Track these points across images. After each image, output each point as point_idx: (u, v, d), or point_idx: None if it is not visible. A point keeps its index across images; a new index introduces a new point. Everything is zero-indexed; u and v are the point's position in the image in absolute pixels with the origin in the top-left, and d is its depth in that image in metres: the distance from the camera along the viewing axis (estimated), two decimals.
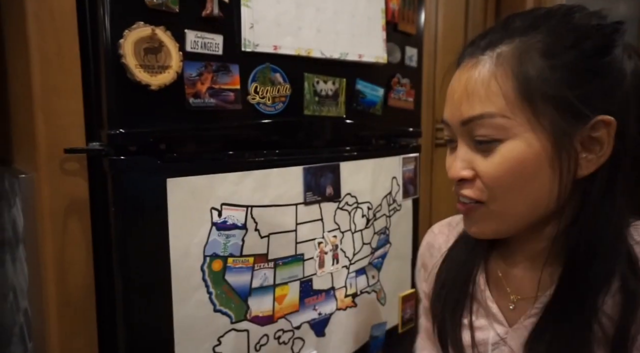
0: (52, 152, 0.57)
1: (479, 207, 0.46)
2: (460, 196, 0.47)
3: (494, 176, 0.44)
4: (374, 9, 0.80)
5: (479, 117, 0.43)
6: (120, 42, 0.54)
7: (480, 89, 0.43)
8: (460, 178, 0.45)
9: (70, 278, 0.60)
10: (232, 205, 0.66)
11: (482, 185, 0.45)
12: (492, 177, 0.44)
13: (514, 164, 0.43)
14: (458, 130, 0.45)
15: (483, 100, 0.43)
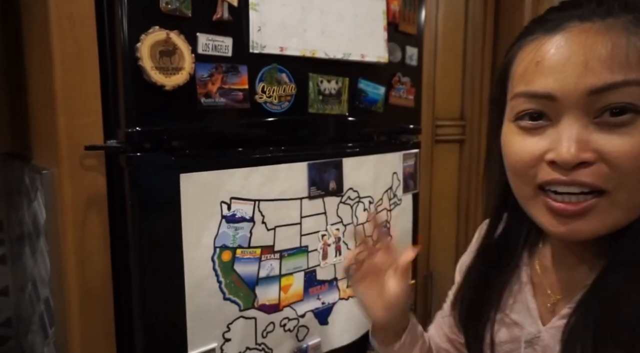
0: (72, 149, 0.61)
1: (600, 201, 0.38)
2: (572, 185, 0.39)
3: (633, 156, 0.37)
4: (376, 11, 0.84)
5: (622, 84, 0.37)
6: (137, 46, 0.57)
7: (619, 55, 0.37)
8: (581, 161, 0.38)
9: (89, 267, 0.64)
10: (241, 199, 0.69)
11: (607, 170, 0.38)
12: (631, 157, 0.37)
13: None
14: (573, 103, 0.38)
15: (622, 67, 0.37)
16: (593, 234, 0.39)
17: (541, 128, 0.40)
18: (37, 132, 0.72)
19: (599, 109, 0.37)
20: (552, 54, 0.39)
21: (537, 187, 0.41)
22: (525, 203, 0.44)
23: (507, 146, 0.44)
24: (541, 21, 0.42)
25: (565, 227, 0.40)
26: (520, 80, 0.42)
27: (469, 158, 1.28)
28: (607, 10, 0.39)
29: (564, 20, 0.40)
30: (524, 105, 0.41)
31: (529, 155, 0.41)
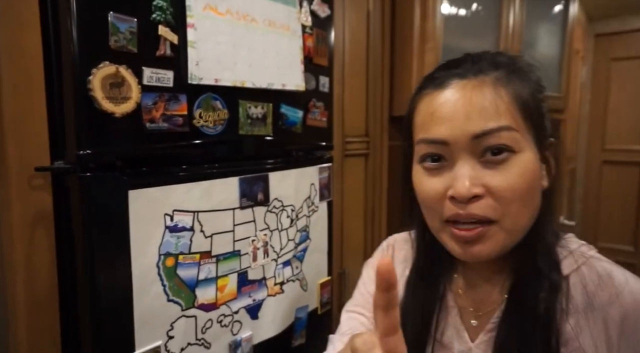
0: (21, 171, 0.65)
1: (490, 228, 0.45)
2: (468, 218, 0.45)
3: (512, 188, 0.44)
4: (294, 47, 0.98)
5: (498, 129, 0.44)
6: (89, 78, 0.64)
7: (490, 106, 0.45)
8: (473, 195, 0.44)
9: (37, 281, 0.68)
10: (182, 211, 0.79)
11: (493, 202, 0.44)
12: (509, 188, 0.44)
13: (529, 174, 0.45)
14: (462, 146, 0.45)
15: (494, 115, 0.45)
16: (490, 255, 0.46)
17: (441, 168, 0.48)
18: None
19: (481, 150, 0.45)
20: (442, 106, 0.47)
21: (444, 220, 0.48)
22: (436, 233, 0.51)
23: (417, 185, 0.51)
24: (431, 78, 0.51)
25: (468, 250, 0.47)
26: (421, 129, 0.50)
27: (372, 169, 1.49)
28: (479, 68, 0.48)
29: (448, 78, 0.48)
30: (426, 149, 0.49)
31: (434, 192, 0.48)
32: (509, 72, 0.48)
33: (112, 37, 0.67)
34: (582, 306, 0.48)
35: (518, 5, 1.76)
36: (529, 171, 0.45)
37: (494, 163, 0.45)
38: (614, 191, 2.68)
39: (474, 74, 0.47)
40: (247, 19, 0.87)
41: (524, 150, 0.46)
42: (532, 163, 0.46)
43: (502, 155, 0.45)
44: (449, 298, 0.56)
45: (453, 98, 0.46)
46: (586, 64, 2.64)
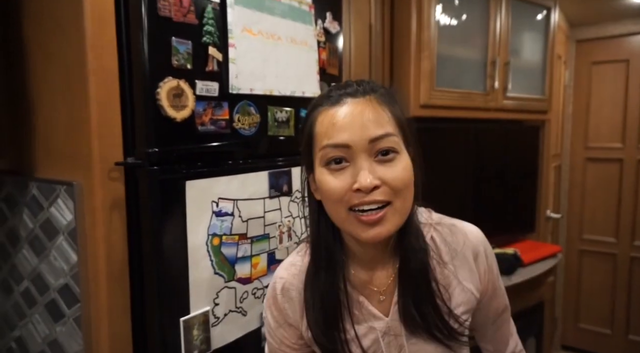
0: (103, 165, 0.81)
1: (389, 209, 0.58)
2: (371, 204, 0.57)
3: (400, 178, 0.58)
4: (311, 60, 1.15)
5: (386, 135, 0.58)
6: (158, 90, 0.80)
7: (379, 116, 0.59)
8: (374, 186, 0.57)
9: (113, 254, 0.84)
10: (225, 199, 0.94)
11: (388, 189, 0.58)
12: (399, 179, 0.58)
13: (408, 169, 0.60)
14: (362, 148, 0.57)
15: (384, 124, 0.58)
16: (387, 234, 0.59)
17: (344, 168, 0.59)
18: (53, 152, 0.89)
19: (376, 151, 0.58)
20: (342, 118, 0.58)
21: (349, 209, 0.59)
22: (341, 223, 0.61)
23: (323, 184, 0.60)
24: (326, 97, 0.63)
25: (370, 232, 0.58)
26: (324, 136, 0.60)
27: None
28: (363, 91, 0.61)
29: (342, 97, 0.60)
30: (331, 153, 0.59)
31: (340, 187, 0.58)
32: (384, 95, 0.62)
33: (174, 57, 0.83)
34: (449, 254, 0.67)
35: (504, 15, 1.94)
36: (408, 166, 0.60)
37: (384, 161, 0.59)
38: (597, 186, 2.87)
39: (362, 94, 0.61)
40: (274, 38, 1.03)
41: (403, 151, 0.60)
42: (408, 161, 0.61)
43: (390, 155, 0.59)
44: (351, 290, 0.66)
45: (349, 111, 0.59)
46: (569, 68, 2.84)
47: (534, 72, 2.20)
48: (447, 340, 0.64)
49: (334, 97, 0.61)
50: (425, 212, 0.70)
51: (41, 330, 0.96)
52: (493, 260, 0.72)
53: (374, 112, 0.59)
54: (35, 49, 0.90)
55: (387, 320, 0.65)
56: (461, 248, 0.68)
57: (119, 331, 0.85)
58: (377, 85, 0.64)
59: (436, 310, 0.63)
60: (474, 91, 1.88)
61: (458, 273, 0.67)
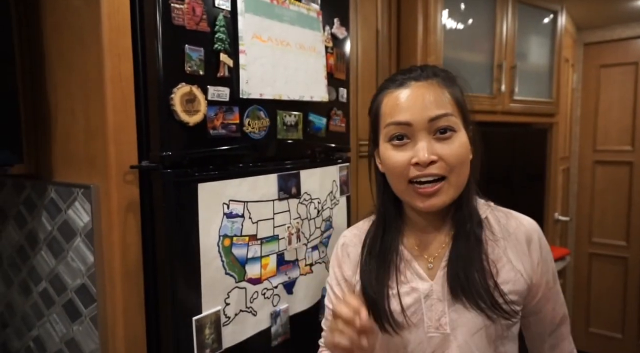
0: (118, 168, 0.84)
1: (445, 183, 0.65)
2: (428, 176, 0.64)
3: (456, 154, 0.65)
4: (319, 65, 1.17)
5: (445, 115, 0.65)
6: (171, 96, 0.83)
7: (439, 98, 0.66)
8: (431, 161, 0.64)
9: (128, 254, 0.87)
10: (236, 201, 0.97)
11: (444, 164, 0.64)
12: (455, 155, 0.64)
13: (464, 147, 0.66)
14: (422, 127, 0.64)
15: (444, 104, 0.65)
16: (442, 205, 0.67)
17: (405, 145, 0.67)
18: (70, 156, 0.93)
19: (434, 129, 0.65)
20: (404, 99, 0.67)
21: (408, 181, 0.67)
22: (401, 193, 0.69)
23: (386, 158, 0.69)
24: (392, 80, 0.71)
25: (427, 202, 0.66)
26: (389, 116, 0.68)
27: None
28: (426, 75, 0.68)
29: (406, 80, 0.68)
30: (394, 130, 0.67)
31: (401, 161, 0.66)
32: (444, 79, 0.69)
33: (187, 64, 0.86)
34: (501, 233, 0.71)
35: (510, 19, 1.96)
36: (464, 144, 0.67)
37: (442, 139, 0.65)
38: (606, 189, 2.86)
39: (424, 78, 0.68)
40: (283, 44, 1.06)
41: (460, 130, 0.67)
42: (465, 139, 0.67)
43: (448, 134, 0.66)
44: (403, 251, 0.73)
45: (412, 93, 0.67)
46: (576, 71, 2.83)
47: (541, 75, 2.21)
48: (489, 311, 0.66)
49: (399, 80, 0.69)
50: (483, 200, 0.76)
51: (59, 329, 0.99)
52: (549, 255, 0.74)
53: (434, 94, 0.66)
54: (56, 58, 0.94)
55: (432, 283, 0.70)
56: (514, 230, 0.72)
57: (134, 329, 0.88)
58: (439, 70, 0.70)
59: (483, 279, 0.67)
60: (480, 95, 1.89)
61: (508, 252, 0.70)
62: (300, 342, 1.15)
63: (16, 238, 1.10)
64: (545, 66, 2.22)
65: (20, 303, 1.12)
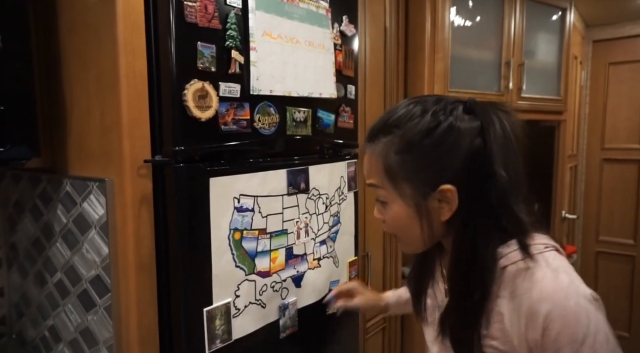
0: (132, 163, 0.86)
1: (397, 239, 0.72)
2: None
3: (389, 223, 0.69)
4: (328, 62, 1.19)
5: (372, 185, 0.69)
6: (184, 92, 0.85)
7: (371, 167, 0.68)
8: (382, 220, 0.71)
9: (142, 247, 0.89)
10: (246, 195, 0.99)
11: (387, 226, 0.70)
12: (389, 223, 0.69)
13: (396, 218, 0.67)
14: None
15: (372, 175, 0.68)
16: (407, 252, 0.74)
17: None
18: (86, 151, 0.95)
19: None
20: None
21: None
22: None
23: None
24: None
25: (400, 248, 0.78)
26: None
27: None
28: (370, 138, 0.69)
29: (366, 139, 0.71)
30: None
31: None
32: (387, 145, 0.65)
33: (199, 60, 0.87)
34: (509, 293, 0.60)
35: (518, 16, 1.95)
36: (397, 217, 0.67)
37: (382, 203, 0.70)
38: (614, 187, 2.84)
39: (369, 142, 0.70)
40: (293, 41, 1.07)
41: (393, 202, 0.67)
42: (398, 210, 0.67)
43: (381, 201, 0.70)
44: (438, 270, 0.77)
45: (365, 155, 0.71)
46: (585, 68, 2.82)
47: (549, 72, 2.20)
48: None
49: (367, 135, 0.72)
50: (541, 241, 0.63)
51: (73, 319, 1.02)
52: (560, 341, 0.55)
53: (368, 163, 0.69)
54: (72, 55, 0.96)
55: (445, 299, 0.72)
56: (520, 294, 0.59)
57: (147, 319, 0.90)
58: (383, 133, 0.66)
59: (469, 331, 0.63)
60: (488, 92, 1.90)
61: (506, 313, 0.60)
62: (308, 335, 1.17)
63: (32, 230, 1.13)
64: (554, 63, 2.21)
65: (35, 293, 1.15)
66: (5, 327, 1.27)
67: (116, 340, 0.91)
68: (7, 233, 1.24)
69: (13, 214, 1.20)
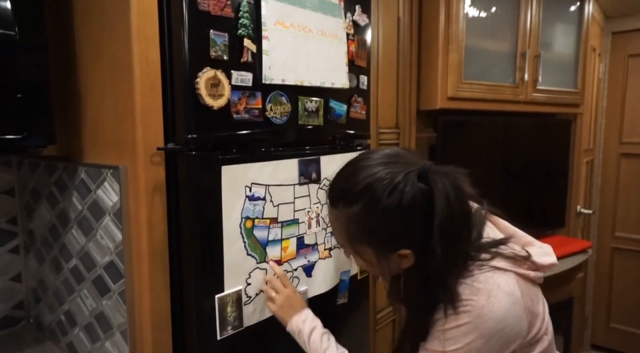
0: (145, 150, 0.87)
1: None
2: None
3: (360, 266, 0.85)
4: (341, 52, 1.18)
5: (338, 242, 0.83)
6: (197, 80, 0.85)
7: (334, 228, 0.81)
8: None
9: (155, 234, 0.90)
10: (257, 184, 0.99)
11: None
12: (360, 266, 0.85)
13: (362, 265, 0.83)
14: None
15: (336, 236, 0.82)
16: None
17: None
18: (100, 138, 0.96)
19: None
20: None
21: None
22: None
23: None
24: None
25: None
26: None
27: None
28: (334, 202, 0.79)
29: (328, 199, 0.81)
30: None
31: None
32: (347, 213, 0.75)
33: (212, 49, 0.88)
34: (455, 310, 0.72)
35: (535, 7, 1.92)
36: (362, 265, 0.82)
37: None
38: (632, 183, 2.78)
39: (331, 205, 0.80)
40: (306, 30, 1.07)
41: (357, 256, 0.80)
42: (363, 264, 0.81)
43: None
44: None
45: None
46: (603, 61, 2.76)
47: (566, 64, 2.16)
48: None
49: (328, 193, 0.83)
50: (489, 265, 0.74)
51: (89, 304, 1.04)
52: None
53: (331, 223, 0.82)
54: (86, 44, 0.97)
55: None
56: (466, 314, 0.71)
57: (159, 305, 0.91)
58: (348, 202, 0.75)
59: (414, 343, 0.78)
60: (503, 84, 1.87)
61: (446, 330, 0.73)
62: None
63: (48, 217, 1.15)
64: (571, 55, 2.17)
65: (52, 279, 1.17)
66: (24, 312, 1.30)
67: (130, 325, 0.92)
68: (25, 220, 1.27)
69: (30, 202, 1.23)
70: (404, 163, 0.73)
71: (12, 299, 1.28)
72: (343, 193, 0.75)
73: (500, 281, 0.72)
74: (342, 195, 0.75)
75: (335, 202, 0.77)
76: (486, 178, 1.97)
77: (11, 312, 1.28)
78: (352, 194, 0.73)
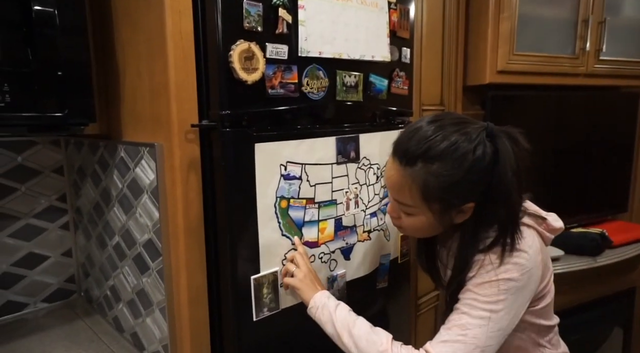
0: (180, 127, 0.85)
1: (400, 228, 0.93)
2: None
3: (407, 226, 0.88)
4: (381, 22, 1.11)
5: (400, 202, 0.84)
6: (230, 53, 0.82)
7: (401, 188, 0.82)
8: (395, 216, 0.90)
9: (190, 211, 0.89)
10: (293, 163, 0.96)
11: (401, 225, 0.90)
12: (406, 226, 0.88)
13: (417, 224, 0.86)
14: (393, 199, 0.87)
15: (403, 195, 0.82)
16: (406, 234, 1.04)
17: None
18: (137, 116, 0.96)
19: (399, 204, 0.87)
20: (388, 169, 0.87)
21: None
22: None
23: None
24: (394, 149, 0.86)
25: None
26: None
27: None
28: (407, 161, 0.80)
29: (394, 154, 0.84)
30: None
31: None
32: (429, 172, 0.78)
33: (245, 20, 0.84)
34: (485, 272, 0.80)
35: None
36: (419, 224, 0.85)
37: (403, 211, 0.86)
38: None
39: (403, 164, 0.81)
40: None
41: (420, 214, 0.83)
42: (424, 221, 0.84)
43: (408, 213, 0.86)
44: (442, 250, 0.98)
45: (390, 169, 0.85)
46: None
47: (636, 31, 1.94)
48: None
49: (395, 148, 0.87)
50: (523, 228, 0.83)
51: (130, 280, 1.06)
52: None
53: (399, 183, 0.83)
54: (123, 20, 0.96)
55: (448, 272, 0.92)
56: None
57: (196, 282, 0.91)
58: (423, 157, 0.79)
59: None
60: (560, 55, 1.71)
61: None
62: (357, 309, 1.13)
63: (93, 195, 1.18)
64: None
65: (98, 255, 1.21)
66: (75, 285, 1.36)
67: (168, 302, 0.93)
68: (73, 197, 1.31)
69: (77, 180, 1.27)
70: (471, 123, 0.80)
71: (64, 273, 1.34)
72: (424, 152, 0.77)
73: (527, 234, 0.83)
74: (422, 154, 0.77)
75: (412, 161, 0.79)
76: (539, 158, 1.84)
77: (64, 285, 1.34)
78: (435, 152, 0.76)
